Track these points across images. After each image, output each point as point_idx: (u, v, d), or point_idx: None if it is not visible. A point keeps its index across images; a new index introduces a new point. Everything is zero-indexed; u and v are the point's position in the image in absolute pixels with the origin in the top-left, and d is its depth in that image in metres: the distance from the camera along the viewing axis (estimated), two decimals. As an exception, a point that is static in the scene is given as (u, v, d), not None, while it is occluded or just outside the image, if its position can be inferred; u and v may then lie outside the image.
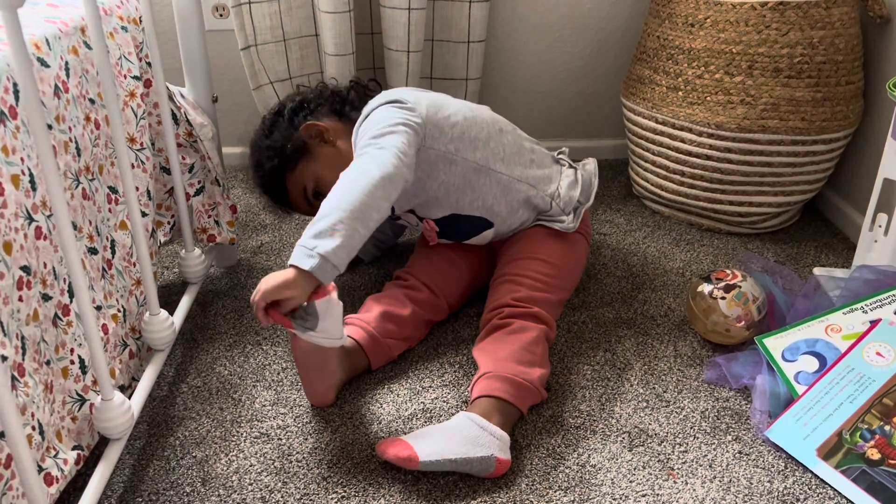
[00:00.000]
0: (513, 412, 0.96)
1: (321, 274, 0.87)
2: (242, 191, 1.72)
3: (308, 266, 0.87)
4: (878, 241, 1.20)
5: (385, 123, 1.04)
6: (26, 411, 0.72)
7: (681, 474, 0.92)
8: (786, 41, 1.34)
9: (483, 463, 0.88)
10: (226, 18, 1.71)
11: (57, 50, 0.85)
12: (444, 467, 0.88)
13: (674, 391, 1.06)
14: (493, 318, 1.07)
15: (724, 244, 1.48)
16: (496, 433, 0.91)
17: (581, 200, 1.21)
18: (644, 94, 1.51)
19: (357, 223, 0.91)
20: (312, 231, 0.90)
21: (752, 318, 1.10)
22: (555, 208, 1.19)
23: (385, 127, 1.04)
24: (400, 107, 1.08)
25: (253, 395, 1.04)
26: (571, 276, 1.20)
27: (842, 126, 1.40)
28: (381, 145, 1.01)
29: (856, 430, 0.93)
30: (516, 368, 0.98)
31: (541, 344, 1.04)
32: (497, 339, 1.04)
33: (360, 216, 0.92)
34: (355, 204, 0.92)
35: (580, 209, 1.20)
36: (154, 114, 1.10)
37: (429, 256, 1.22)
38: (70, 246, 0.73)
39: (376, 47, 1.68)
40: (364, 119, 1.10)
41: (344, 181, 0.96)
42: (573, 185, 1.21)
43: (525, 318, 1.06)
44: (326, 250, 0.87)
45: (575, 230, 1.19)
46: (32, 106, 0.66)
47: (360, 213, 0.92)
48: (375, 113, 1.09)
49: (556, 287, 1.14)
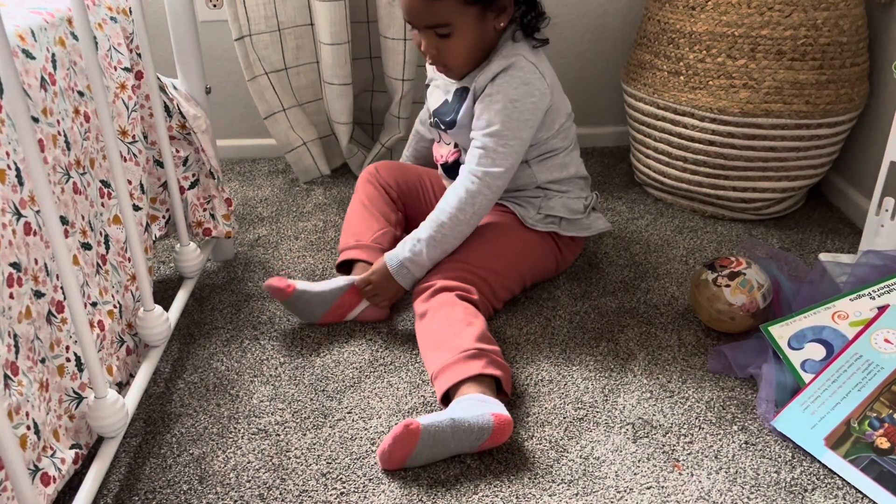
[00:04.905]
0: (481, 379, 0.95)
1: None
2: (239, 184, 1.70)
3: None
4: (885, 225, 1.19)
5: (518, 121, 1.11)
6: (21, 410, 0.70)
7: (686, 466, 0.90)
8: (789, 23, 1.31)
9: (481, 420, 0.87)
10: (219, 9, 1.69)
11: (43, 41, 0.83)
12: (447, 432, 0.87)
13: (678, 381, 1.04)
14: (416, 309, 1.10)
15: (728, 231, 1.46)
16: (481, 398, 0.91)
17: (562, 216, 1.21)
18: (645, 79, 1.49)
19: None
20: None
21: (758, 305, 1.09)
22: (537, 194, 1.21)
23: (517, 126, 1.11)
24: (536, 102, 1.11)
25: (250, 391, 1.03)
26: (516, 265, 1.19)
27: (847, 109, 1.38)
28: (497, 168, 1.11)
29: (864, 418, 0.92)
30: (451, 348, 0.98)
31: (456, 306, 1.04)
32: (423, 330, 1.06)
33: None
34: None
35: (554, 221, 1.21)
36: (146, 106, 1.08)
37: (415, 177, 1.34)
38: (59, 242, 0.71)
39: (372, 36, 1.66)
40: (504, 73, 1.10)
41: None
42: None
43: (431, 296, 1.07)
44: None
45: (538, 231, 1.20)
46: (16, 98, 0.64)
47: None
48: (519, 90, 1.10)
49: (495, 269, 1.14)
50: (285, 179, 1.72)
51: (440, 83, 1.24)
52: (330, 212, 1.56)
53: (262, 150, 1.85)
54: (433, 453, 0.89)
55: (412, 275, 1.12)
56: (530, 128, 1.12)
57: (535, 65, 1.12)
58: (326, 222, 1.51)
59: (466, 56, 1.13)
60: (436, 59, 1.13)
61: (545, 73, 1.14)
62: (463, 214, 1.11)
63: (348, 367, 1.08)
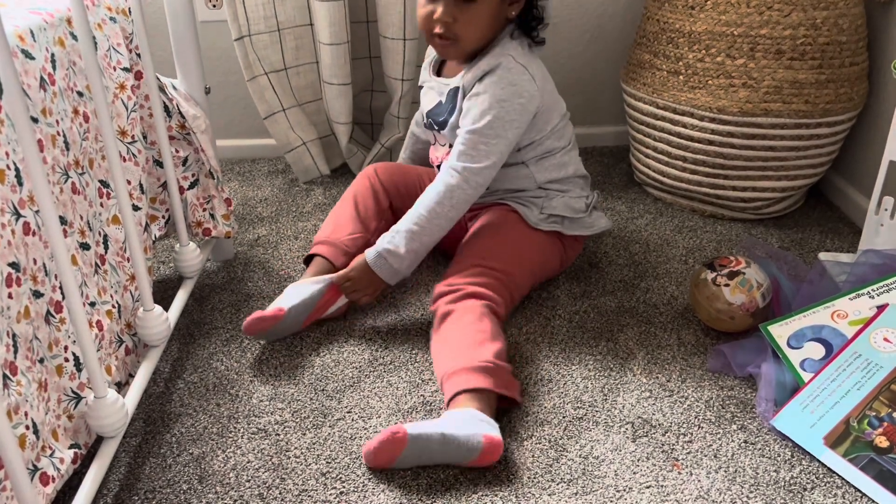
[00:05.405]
0: (487, 395, 0.95)
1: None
2: (238, 184, 1.70)
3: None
4: (885, 224, 1.19)
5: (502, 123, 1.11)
6: (20, 410, 0.70)
7: (685, 465, 0.90)
8: (788, 22, 1.31)
9: (471, 440, 0.87)
10: (219, 9, 1.69)
11: (42, 41, 0.83)
12: (434, 446, 0.86)
13: (677, 380, 1.04)
14: (437, 309, 1.08)
15: (728, 230, 1.46)
16: (482, 417, 0.90)
17: (564, 216, 1.21)
18: (644, 79, 1.49)
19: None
20: None
21: (757, 305, 1.09)
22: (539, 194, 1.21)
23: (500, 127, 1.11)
24: (524, 104, 1.12)
25: (250, 391, 1.03)
26: (525, 266, 1.18)
27: (846, 108, 1.38)
28: (482, 167, 1.11)
29: (863, 417, 0.92)
30: (469, 355, 0.97)
31: (486, 319, 1.03)
32: (443, 332, 1.05)
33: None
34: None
35: (557, 221, 1.21)
36: (145, 106, 1.08)
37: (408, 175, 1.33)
38: (58, 242, 0.72)
39: (372, 36, 1.66)
40: (500, 66, 1.11)
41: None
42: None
43: (458, 300, 1.06)
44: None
45: (543, 230, 1.20)
46: (15, 99, 0.64)
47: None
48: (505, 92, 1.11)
49: (508, 272, 1.13)
50: (285, 179, 1.72)
51: (433, 84, 1.24)
52: (329, 212, 1.55)
53: (261, 150, 1.85)
54: (419, 460, 0.89)
55: (390, 266, 1.12)
56: (516, 128, 1.12)
57: (524, 66, 1.12)
58: (326, 222, 1.51)
59: (479, 32, 1.12)
60: (447, 29, 1.11)
61: (535, 74, 1.14)
62: (441, 208, 1.11)
63: (348, 367, 1.08)
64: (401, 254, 1.11)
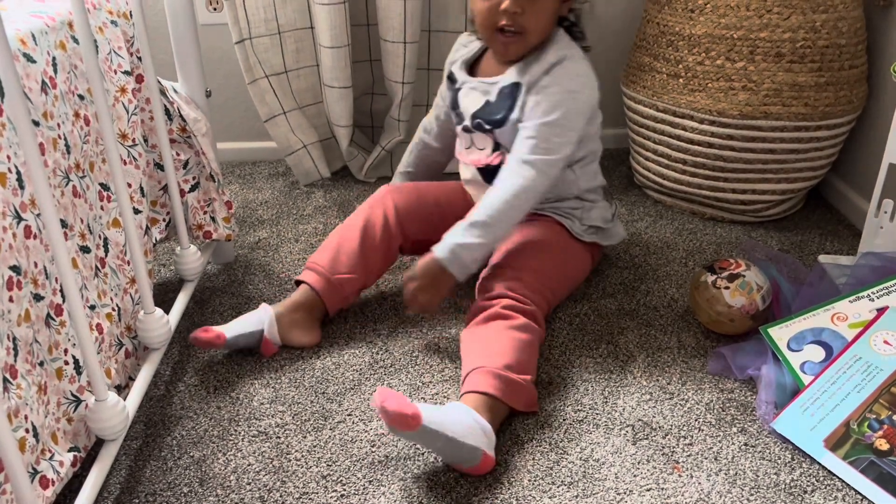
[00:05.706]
0: (502, 410, 0.94)
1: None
2: (239, 186, 1.70)
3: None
4: (884, 227, 1.19)
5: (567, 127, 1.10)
6: (20, 413, 0.71)
7: (686, 467, 0.90)
8: (788, 25, 1.31)
9: (472, 453, 0.86)
10: (220, 12, 1.69)
11: (43, 45, 0.83)
12: (438, 442, 0.85)
13: (678, 383, 1.05)
14: (495, 307, 1.04)
15: (728, 233, 1.46)
16: (486, 430, 0.89)
17: (599, 226, 1.22)
18: (644, 81, 1.49)
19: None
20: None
21: (757, 307, 1.09)
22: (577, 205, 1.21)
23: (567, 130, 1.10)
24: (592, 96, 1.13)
25: (251, 394, 1.03)
26: (567, 281, 1.19)
27: (846, 111, 1.38)
28: (549, 165, 1.09)
29: (864, 420, 0.92)
30: (511, 365, 0.96)
31: (534, 348, 1.03)
32: (494, 329, 1.02)
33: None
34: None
35: (594, 232, 1.22)
36: (146, 109, 1.08)
37: (420, 195, 1.26)
38: (59, 245, 0.72)
39: (372, 39, 1.66)
40: (558, 66, 1.11)
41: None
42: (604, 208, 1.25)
43: (526, 316, 1.04)
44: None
45: (582, 241, 1.20)
46: (17, 102, 0.64)
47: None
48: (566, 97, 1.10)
49: (554, 289, 1.13)
50: (285, 182, 1.73)
51: (475, 85, 1.20)
52: (330, 214, 1.56)
53: (262, 153, 1.85)
54: (417, 443, 0.91)
55: (461, 261, 1.06)
56: (585, 121, 1.12)
57: (587, 61, 1.13)
58: (327, 225, 1.51)
59: (543, 24, 1.11)
60: (514, 20, 1.08)
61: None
62: (517, 200, 1.07)
63: (348, 370, 1.08)
64: (472, 246, 1.06)
